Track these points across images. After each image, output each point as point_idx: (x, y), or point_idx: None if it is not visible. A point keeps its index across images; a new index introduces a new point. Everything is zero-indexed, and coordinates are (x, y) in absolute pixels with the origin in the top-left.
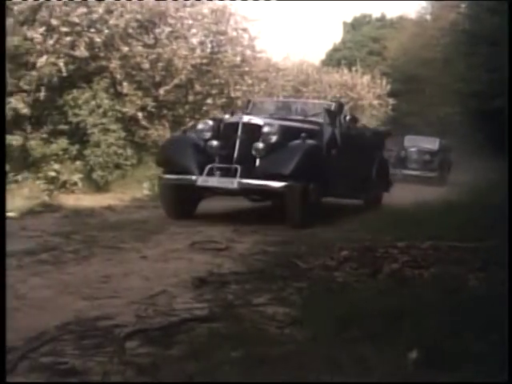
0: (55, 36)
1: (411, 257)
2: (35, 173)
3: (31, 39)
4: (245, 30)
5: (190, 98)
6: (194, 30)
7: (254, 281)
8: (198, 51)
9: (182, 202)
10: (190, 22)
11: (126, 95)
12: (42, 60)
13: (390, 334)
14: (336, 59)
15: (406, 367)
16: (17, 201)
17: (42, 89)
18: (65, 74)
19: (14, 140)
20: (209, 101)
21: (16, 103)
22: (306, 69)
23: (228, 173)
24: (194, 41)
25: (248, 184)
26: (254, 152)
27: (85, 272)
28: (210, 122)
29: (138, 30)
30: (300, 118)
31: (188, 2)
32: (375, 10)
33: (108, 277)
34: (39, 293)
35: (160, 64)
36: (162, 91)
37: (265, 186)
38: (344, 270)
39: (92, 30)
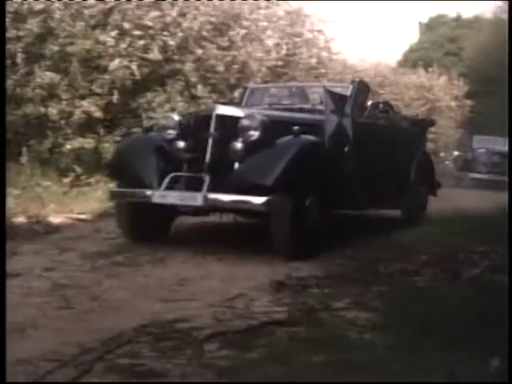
0: (128, 39)
1: (492, 262)
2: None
3: (103, 43)
4: (320, 31)
5: None
6: (269, 32)
7: (333, 285)
8: (274, 53)
9: (142, 224)
10: (265, 24)
11: (201, 98)
12: (115, 63)
13: (472, 340)
14: (412, 60)
15: (489, 374)
16: (90, 203)
17: (115, 92)
18: (138, 77)
19: (86, 143)
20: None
21: (88, 106)
22: (382, 70)
23: (194, 184)
24: (269, 43)
25: (216, 200)
26: (231, 154)
27: (161, 274)
28: (176, 117)
29: (212, 33)
30: (308, 107)
31: (263, 4)
32: (451, 10)
33: (185, 279)
34: (115, 295)
35: (235, 66)
36: (236, 94)
37: (239, 202)
38: (424, 275)
39: (165, 33)
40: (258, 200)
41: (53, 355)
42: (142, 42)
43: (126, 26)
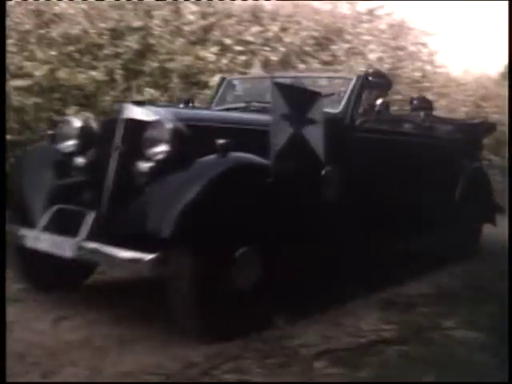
0: (229, 55)
1: None
2: None
3: (204, 59)
4: (424, 44)
5: None
6: (371, 46)
7: (441, 303)
8: (377, 67)
9: (39, 270)
10: (368, 37)
11: None
12: (215, 79)
13: None
14: None
15: None
16: None
17: None
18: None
19: None
20: None
21: None
22: (484, 82)
23: (73, 224)
24: (372, 57)
25: (94, 253)
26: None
27: None
28: (76, 122)
29: (315, 48)
30: None
31: (365, 18)
32: None
33: None
34: None
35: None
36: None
37: (120, 259)
38: None
39: (267, 49)
40: (146, 257)
41: (157, 369)
42: (243, 58)
43: (227, 41)
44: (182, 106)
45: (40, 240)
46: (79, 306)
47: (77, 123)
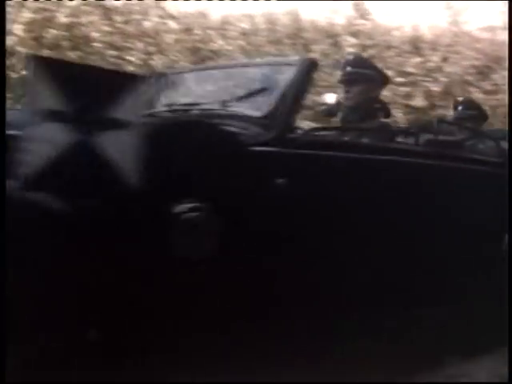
0: (390, 87)
1: None
2: None
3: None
4: None
5: None
6: None
7: None
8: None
9: None
10: None
11: None
12: None
13: None
14: None
15: None
16: None
17: None
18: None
19: None
20: None
21: None
22: None
23: None
24: None
25: None
26: None
27: None
28: None
29: (476, 77)
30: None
31: None
32: None
33: None
34: None
35: (499, 110)
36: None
37: None
38: None
39: (428, 79)
40: None
41: None
42: (404, 89)
43: (388, 73)
44: None
45: None
46: None
47: None
